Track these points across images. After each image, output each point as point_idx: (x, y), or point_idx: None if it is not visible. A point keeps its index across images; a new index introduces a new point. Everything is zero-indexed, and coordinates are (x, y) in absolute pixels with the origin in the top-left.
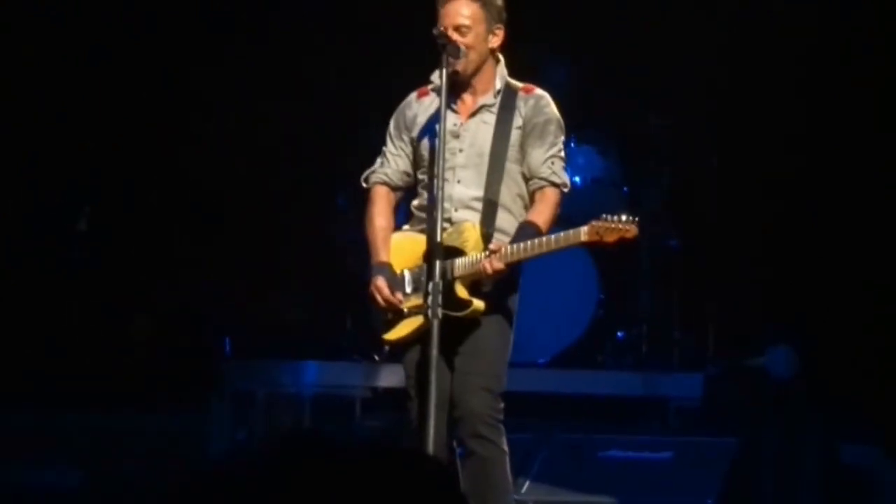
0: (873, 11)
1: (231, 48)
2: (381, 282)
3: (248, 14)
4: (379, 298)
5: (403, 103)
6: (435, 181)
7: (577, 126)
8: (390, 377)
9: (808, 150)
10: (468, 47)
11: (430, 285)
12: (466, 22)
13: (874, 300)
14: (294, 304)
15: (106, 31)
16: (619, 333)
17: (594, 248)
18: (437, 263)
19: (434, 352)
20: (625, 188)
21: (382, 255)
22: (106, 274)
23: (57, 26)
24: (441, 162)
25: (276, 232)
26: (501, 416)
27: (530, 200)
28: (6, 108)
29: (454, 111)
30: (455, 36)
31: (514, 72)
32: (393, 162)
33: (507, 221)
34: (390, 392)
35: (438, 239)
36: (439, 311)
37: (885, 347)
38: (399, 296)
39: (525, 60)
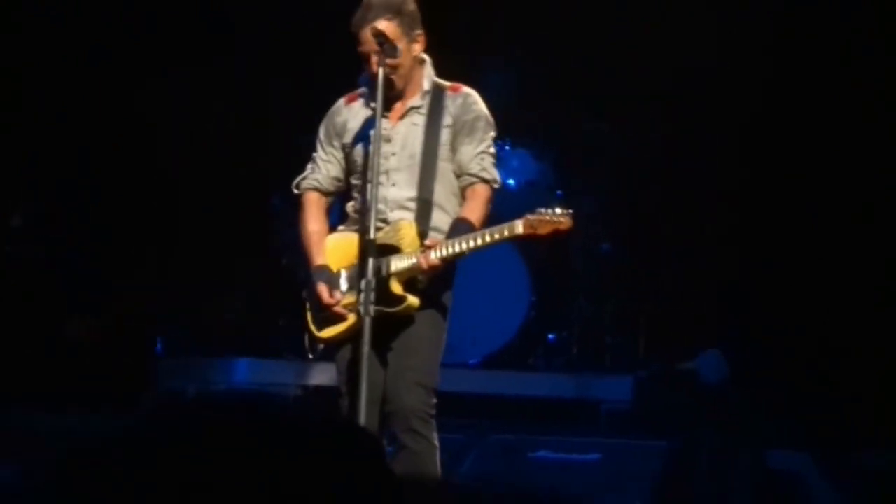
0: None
1: (172, 53)
2: (320, 286)
3: (191, 21)
4: (321, 302)
5: (332, 109)
6: (368, 183)
7: (513, 129)
8: (322, 375)
9: (743, 154)
10: (395, 66)
11: (363, 283)
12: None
13: (806, 304)
14: (227, 302)
15: (54, 33)
16: (550, 335)
17: (526, 249)
18: (371, 261)
19: (366, 348)
20: (559, 192)
21: (318, 259)
22: (39, 271)
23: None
24: (376, 160)
25: (210, 231)
26: (434, 412)
27: (462, 198)
28: None
29: (384, 116)
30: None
31: (451, 76)
32: (324, 168)
33: (442, 220)
34: (322, 390)
35: (372, 236)
36: (371, 309)
37: (815, 352)
38: (338, 295)
39: (463, 64)
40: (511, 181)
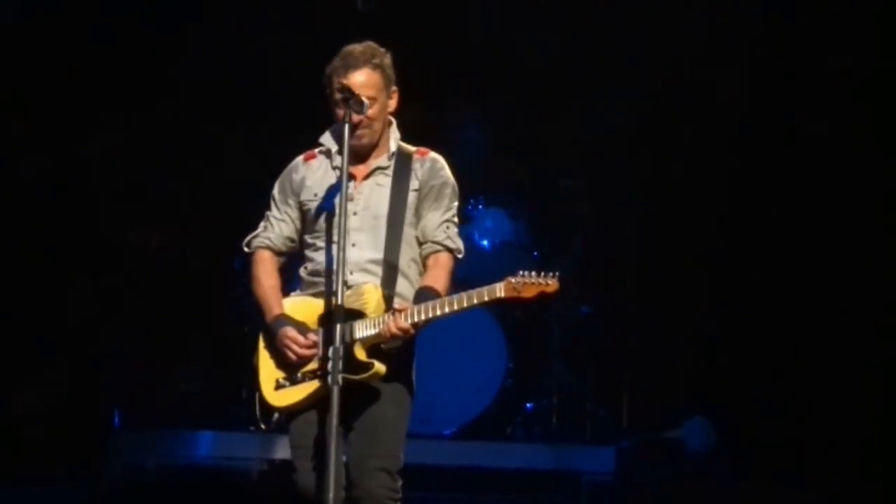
0: (807, 81)
1: (130, 111)
2: (290, 332)
3: (143, 79)
4: (295, 348)
5: (290, 167)
6: (332, 244)
7: (487, 188)
8: (288, 449)
9: (724, 215)
10: (372, 119)
11: (331, 350)
12: (371, 93)
13: (794, 368)
14: (188, 373)
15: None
16: (528, 404)
17: (502, 313)
18: (338, 327)
19: (335, 421)
20: (535, 252)
21: (277, 310)
22: None
23: None
24: (342, 221)
25: (169, 300)
26: (399, 495)
27: (423, 265)
28: None
29: (348, 174)
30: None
31: (425, 133)
32: (277, 227)
33: (403, 286)
34: (288, 464)
35: (340, 301)
36: (340, 378)
37: (804, 415)
38: (313, 336)
39: (437, 121)
40: (485, 242)
